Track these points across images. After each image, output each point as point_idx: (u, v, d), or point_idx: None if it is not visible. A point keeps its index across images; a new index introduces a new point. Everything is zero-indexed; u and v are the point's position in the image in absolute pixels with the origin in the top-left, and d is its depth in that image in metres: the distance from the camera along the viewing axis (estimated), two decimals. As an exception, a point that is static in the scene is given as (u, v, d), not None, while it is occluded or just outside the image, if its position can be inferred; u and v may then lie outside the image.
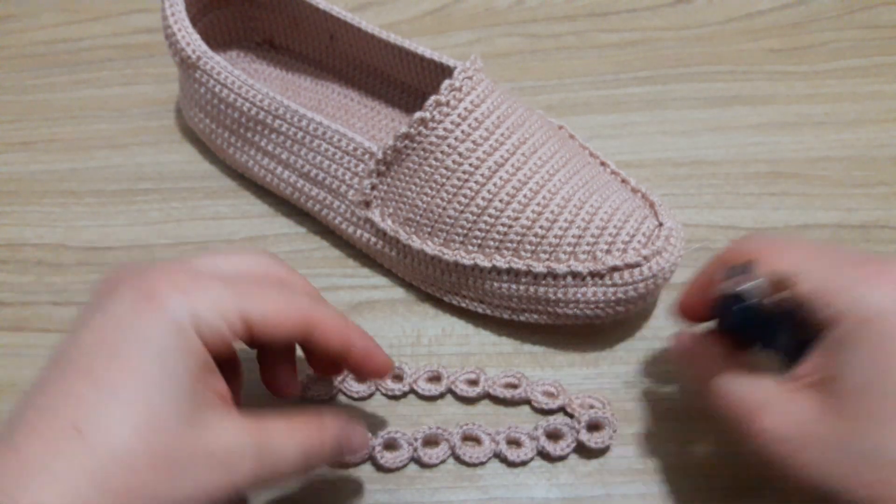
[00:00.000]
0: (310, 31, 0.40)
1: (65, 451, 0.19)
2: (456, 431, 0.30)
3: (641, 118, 0.40)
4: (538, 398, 0.31)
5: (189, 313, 0.21)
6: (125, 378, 0.20)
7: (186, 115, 0.39)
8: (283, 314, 0.23)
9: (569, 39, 0.45)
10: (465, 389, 0.31)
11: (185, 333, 0.21)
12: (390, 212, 0.32)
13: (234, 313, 0.22)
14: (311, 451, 0.23)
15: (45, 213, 0.38)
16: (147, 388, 0.20)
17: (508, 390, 0.31)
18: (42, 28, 0.47)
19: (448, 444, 0.30)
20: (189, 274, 0.22)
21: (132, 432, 0.19)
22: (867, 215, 0.36)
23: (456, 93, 0.30)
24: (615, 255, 0.29)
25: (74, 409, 0.19)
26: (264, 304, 0.22)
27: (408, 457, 0.30)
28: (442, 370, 0.31)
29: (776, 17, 0.45)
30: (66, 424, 0.19)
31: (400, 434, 0.30)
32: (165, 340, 0.20)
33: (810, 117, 0.40)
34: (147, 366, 0.20)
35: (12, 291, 0.36)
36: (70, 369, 0.20)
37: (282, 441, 0.22)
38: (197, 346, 0.21)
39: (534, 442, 0.30)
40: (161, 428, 0.20)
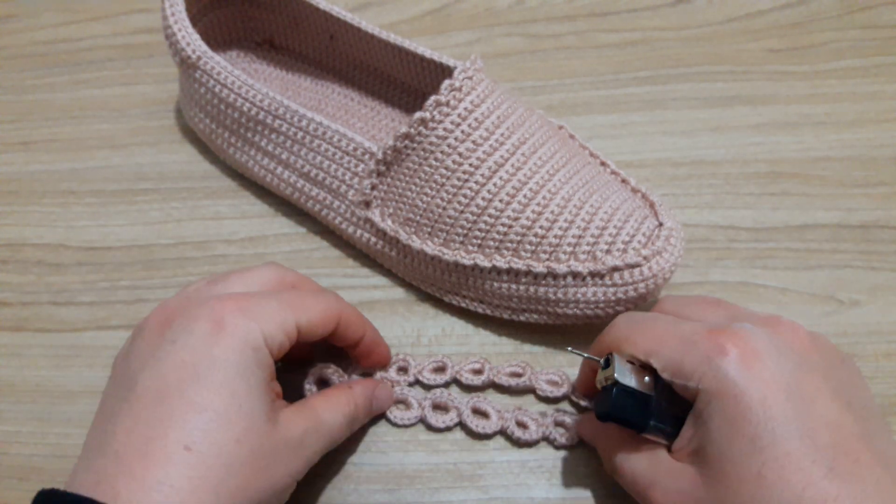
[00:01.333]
0: (310, 31, 0.40)
1: (180, 466, 0.22)
2: (466, 401, 0.31)
3: (641, 118, 0.40)
4: (542, 387, 0.31)
5: (261, 335, 0.24)
6: (216, 396, 0.23)
7: (186, 115, 0.39)
8: (323, 315, 0.27)
9: (569, 39, 0.45)
10: (470, 378, 0.31)
11: (260, 352, 0.24)
12: (390, 212, 0.32)
13: (291, 324, 0.25)
14: (351, 416, 0.28)
15: (45, 213, 0.38)
16: (240, 404, 0.23)
17: (513, 379, 0.31)
18: (42, 28, 0.47)
19: (457, 412, 0.30)
20: (244, 299, 0.25)
21: (234, 442, 0.23)
22: (867, 215, 0.36)
23: (456, 93, 0.30)
24: (615, 255, 0.29)
25: (180, 432, 0.22)
26: (308, 311, 0.26)
27: (416, 416, 0.31)
28: (446, 360, 0.32)
29: (776, 16, 0.45)
30: (177, 446, 0.22)
31: (412, 394, 0.31)
32: (245, 360, 0.24)
33: (810, 117, 0.40)
34: (233, 383, 0.23)
35: (12, 291, 0.36)
36: (164, 398, 0.23)
37: (329, 416, 0.27)
38: (268, 359, 0.25)
39: (541, 428, 0.30)
40: (254, 432, 0.23)
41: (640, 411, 0.24)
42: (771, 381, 0.22)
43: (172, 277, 0.36)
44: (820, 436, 0.22)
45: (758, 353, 0.23)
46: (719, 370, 0.23)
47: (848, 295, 0.34)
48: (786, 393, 0.22)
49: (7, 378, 0.33)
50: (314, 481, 0.30)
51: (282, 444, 0.24)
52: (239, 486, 0.23)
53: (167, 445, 0.22)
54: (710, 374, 0.23)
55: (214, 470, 0.22)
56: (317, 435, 0.26)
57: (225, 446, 0.23)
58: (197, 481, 0.22)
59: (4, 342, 0.34)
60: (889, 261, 0.35)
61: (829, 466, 0.21)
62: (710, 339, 0.23)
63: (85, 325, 0.34)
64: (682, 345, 0.24)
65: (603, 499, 0.29)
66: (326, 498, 0.29)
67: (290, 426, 0.25)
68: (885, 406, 0.31)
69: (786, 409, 0.22)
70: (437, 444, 0.31)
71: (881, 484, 0.21)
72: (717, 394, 0.22)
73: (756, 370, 0.22)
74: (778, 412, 0.22)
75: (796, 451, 0.21)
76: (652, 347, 0.25)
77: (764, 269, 0.35)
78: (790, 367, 0.23)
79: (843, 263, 0.35)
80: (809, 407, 0.22)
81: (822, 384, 0.23)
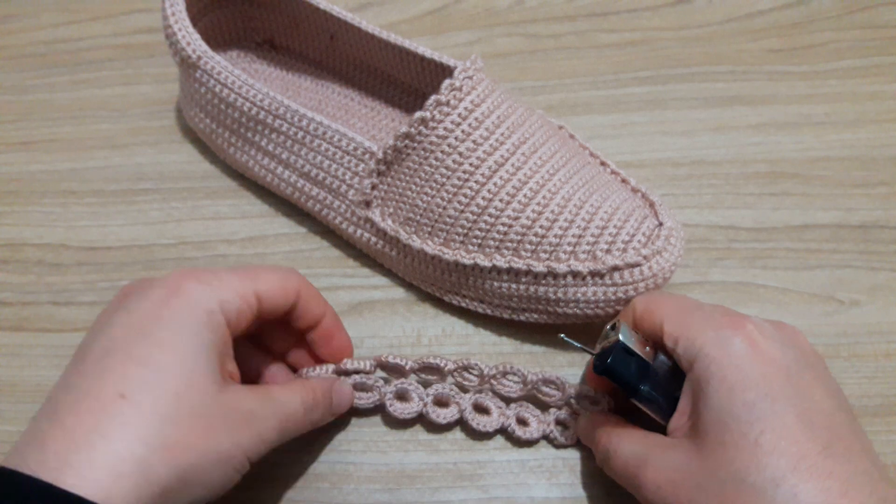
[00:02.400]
0: (310, 31, 0.40)
1: (112, 414, 0.21)
2: (468, 397, 0.30)
3: (641, 118, 0.40)
4: (542, 388, 0.30)
5: (217, 300, 0.24)
6: (162, 354, 0.23)
7: (187, 115, 0.39)
8: (282, 285, 0.27)
9: (569, 39, 0.45)
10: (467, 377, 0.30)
11: (214, 316, 0.24)
12: (390, 211, 0.32)
13: (249, 291, 0.26)
14: (309, 403, 0.27)
15: (45, 213, 0.38)
16: (184, 360, 0.23)
17: (510, 382, 0.30)
18: (42, 28, 0.47)
19: (458, 408, 0.30)
20: (203, 271, 0.26)
21: (173, 395, 0.22)
22: (867, 215, 0.36)
23: (456, 92, 0.30)
24: (615, 254, 0.29)
25: (118, 383, 0.22)
26: (268, 281, 0.27)
27: (417, 410, 0.30)
28: (439, 361, 0.30)
29: (776, 17, 0.45)
30: (111, 394, 0.22)
31: (413, 387, 0.30)
32: (198, 322, 0.24)
33: (810, 117, 0.40)
34: (182, 343, 0.23)
35: (13, 291, 0.36)
36: (107, 354, 0.23)
37: (284, 397, 0.26)
38: (222, 326, 0.24)
39: (542, 426, 0.30)
40: (197, 390, 0.23)
41: (636, 373, 0.25)
42: (774, 362, 0.23)
43: (173, 277, 0.36)
44: (816, 419, 0.22)
45: (765, 336, 0.24)
46: (726, 339, 0.24)
47: (848, 295, 0.34)
48: (786, 376, 0.23)
49: (7, 378, 0.33)
50: (314, 481, 0.30)
51: (228, 410, 0.24)
52: (174, 441, 0.22)
53: (102, 396, 0.21)
54: (717, 341, 0.24)
55: (148, 419, 0.21)
56: (269, 411, 0.25)
57: (162, 398, 0.22)
58: (129, 429, 0.21)
59: (5, 342, 0.34)
60: (889, 261, 0.35)
61: (825, 445, 0.21)
62: (724, 316, 0.25)
63: (85, 325, 0.34)
64: (696, 314, 0.25)
65: (603, 499, 0.29)
66: (327, 497, 0.29)
67: (241, 397, 0.24)
68: (885, 406, 0.31)
69: (785, 388, 0.23)
70: (438, 444, 0.31)
71: (870, 474, 0.21)
72: (718, 360, 0.23)
73: (761, 349, 0.23)
74: (777, 389, 0.22)
75: (794, 425, 0.22)
76: (666, 313, 0.26)
77: (764, 269, 0.35)
78: (792, 357, 0.24)
79: (843, 263, 0.35)
80: (807, 393, 0.23)
81: (818, 380, 0.24)
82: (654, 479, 0.24)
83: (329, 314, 0.30)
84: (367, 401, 0.30)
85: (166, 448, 0.21)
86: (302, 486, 0.30)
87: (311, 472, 0.30)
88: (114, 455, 0.21)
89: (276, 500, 0.29)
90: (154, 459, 0.21)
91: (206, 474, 0.23)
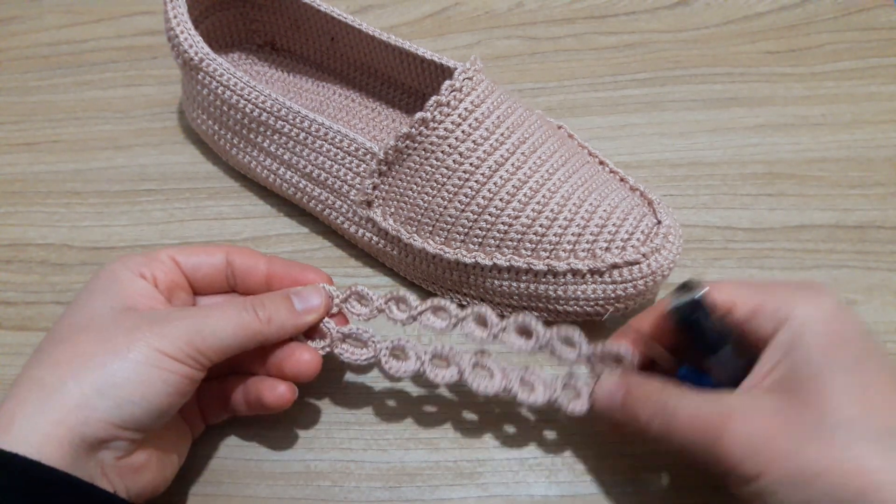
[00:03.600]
0: (311, 33, 0.41)
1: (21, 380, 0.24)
2: (468, 358, 0.28)
3: (639, 120, 0.41)
4: (556, 346, 0.28)
5: (121, 264, 0.28)
6: (75, 312, 0.26)
7: (189, 116, 0.39)
8: (205, 250, 0.30)
9: (568, 42, 0.45)
10: (473, 329, 0.28)
11: (115, 273, 0.27)
12: (392, 211, 0.32)
13: (164, 255, 0.29)
14: (246, 324, 0.26)
15: (48, 214, 0.39)
16: (85, 308, 0.26)
17: (520, 339, 0.28)
18: (46, 30, 0.47)
19: (458, 369, 0.28)
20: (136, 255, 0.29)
21: (68, 325, 0.26)
22: (863, 216, 0.37)
23: (456, 93, 0.30)
24: (614, 252, 0.29)
25: (34, 368, 0.25)
26: (189, 249, 0.30)
27: (413, 369, 0.28)
28: (450, 307, 0.28)
29: (773, 19, 0.45)
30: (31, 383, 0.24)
31: (410, 344, 0.28)
32: (99, 280, 0.27)
33: (807, 119, 0.40)
34: (83, 295, 0.27)
35: (16, 291, 0.36)
36: (49, 342, 0.26)
37: (216, 317, 0.26)
38: (127, 276, 0.27)
39: (548, 391, 0.27)
40: (97, 317, 0.26)
41: (719, 331, 0.25)
42: (859, 324, 0.24)
43: (175, 277, 0.36)
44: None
45: (840, 300, 0.24)
46: (821, 300, 0.24)
47: (844, 295, 0.34)
48: (869, 336, 0.24)
49: (10, 377, 0.33)
50: (315, 478, 0.30)
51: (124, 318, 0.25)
52: (75, 354, 0.24)
53: (22, 381, 0.24)
54: (809, 304, 0.24)
55: (45, 343, 0.26)
56: (181, 312, 0.26)
57: (59, 326, 0.26)
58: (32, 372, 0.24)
59: (8, 341, 0.34)
60: (885, 261, 0.35)
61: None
62: (800, 284, 0.25)
63: (88, 324, 0.35)
64: (771, 285, 0.25)
65: (602, 497, 0.29)
66: (328, 495, 0.30)
67: (146, 311, 0.26)
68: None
69: (879, 346, 0.23)
70: (438, 442, 0.31)
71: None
72: (815, 320, 0.23)
73: (848, 311, 0.24)
74: (875, 346, 0.23)
75: (891, 381, 0.22)
76: (738, 286, 0.25)
77: (761, 269, 0.35)
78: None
79: (840, 263, 0.35)
80: (884, 353, 0.24)
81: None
82: (744, 429, 0.22)
83: (276, 262, 0.30)
84: (362, 357, 0.28)
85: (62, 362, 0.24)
86: (303, 484, 0.30)
87: (312, 470, 0.30)
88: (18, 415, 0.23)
89: (278, 497, 0.30)
90: (56, 381, 0.24)
91: (115, 376, 0.24)
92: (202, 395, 0.29)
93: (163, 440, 0.27)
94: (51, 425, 0.23)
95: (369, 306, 0.29)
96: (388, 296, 0.29)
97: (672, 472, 0.30)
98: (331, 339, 0.29)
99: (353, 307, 0.30)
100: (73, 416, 0.23)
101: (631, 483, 0.29)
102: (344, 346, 0.29)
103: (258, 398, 0.28)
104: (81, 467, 0.23)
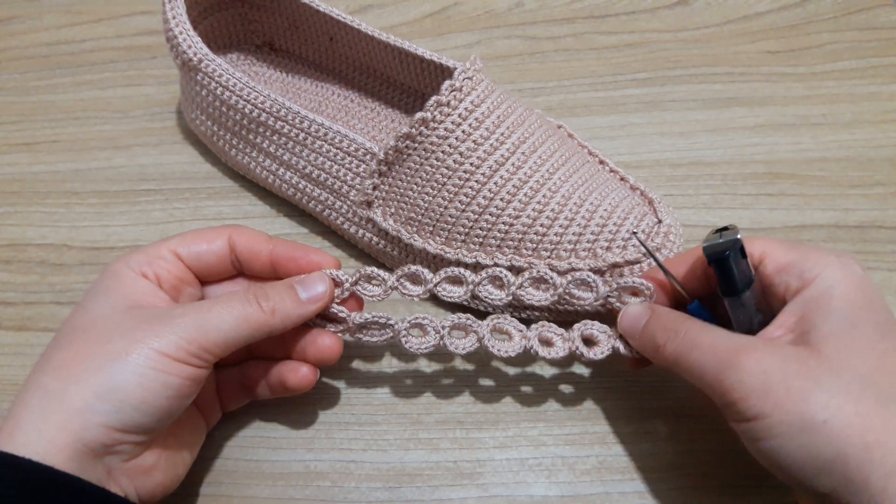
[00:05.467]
0: (309, 33, 0.41)
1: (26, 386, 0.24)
2: (486, 323, 0.29)
3: (639, 119, 0.41)
4: (573, 291, 0.28)
5: (123, 263, 0.27)
6: (81, 312, 0.26)
7: (188, 117, 0.39)
8: (206, 238, 0.28)
9: (568, 41, 0.45)
10: (490, 293, 0.29)
11: (117, 273, 0.27)
12: (392, 211, 0.32)
13: (163, 249, 0.28)
14: (249, 316, 0.26)
15: (48, 214, 0.39)
16: (86, 303, 0.26)
17: (539, 290, 0.29)
18: (45, 30, 0.47)
19: (476, 336, 0.29)
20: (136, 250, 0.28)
21: (72, 327, 0.26)
22: (864, 216, 0.37)
23: (456, 93, 0.30)
24: (615, 251, 0.29)
25: (39, 374, 0.24)
26: (188, 235, 0.29)
27: (433, 343, 0.29)
28: (462, 273, 0.29)
29: (773, 18, 0.45)
30: (36, 389, 0.24)
31: (427, 320, 0.29)
32: (103, 281, 0.27)
33: (807, 118, 0.40)
34: (88, 297, 0.26)
35: (16, 291, 0.36)
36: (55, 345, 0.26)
37: (217, 311, 0.26)
38: (129, 276, 0.27)
39: (567, 343, 0.28)
40: (98, 323, 0.25)
41: (745, 275, 0.26)
42: (880, 294, 0.25)
43: (175, 277, 0.36)
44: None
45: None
46: (848, 266, 0.24)
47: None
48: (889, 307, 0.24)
49: (10, 377, 0.33)
50: (315, 479, 0.30)
51: (124, 319, 0.25)
52: (76, 357, 0.24)
53: (27, 389, 0.24)
54: (839, 265, 0.24)
55: (50, 346, 0.25)
56: (183, 308, 0.25)
57: (63, 328, 0.26)
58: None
59: (8, 341, 0.34)
60: (885, 260, 0.35)
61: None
62: (823, 251, 0.25)
63: (88, 325, 0.35)
64: (805, 245, 0.26)
65: (601, 496, 0.29)
66: (328, 495, 0.30)
67: (148, 308, 0.26)
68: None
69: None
70: (438, 442, 0.31)
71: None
72: (845, 282, 0.24)
73: (873, 280, 0.25)
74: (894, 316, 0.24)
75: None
76: (765, 244, 0.26)
77: (761, 268, 0.35)
78: None
79: (840, 263, 0.35)
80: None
81: None
82: (759, 364, 0.22)
83: (279, 244, 0.29)
84: (382, 338, 0.29)
85: (65, 364, 0.24)
86: (303, 485, 0.30)
87: (312, 471, 0.30)
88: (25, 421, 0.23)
89: (277, 498, 0.30)
90: (58, 386, 0.23)
91: (115, 379, 0.23)
92: (221, 382, 0.30)
93: (172, 438, 0.26)
94: (55, 431, 0.22)
95: (382, 286, 0.29)
96: (401, 273, 0.29)
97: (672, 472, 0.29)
98: (348, 326, 0.29)
99: (366, 289, 0.29)
100: (76, 422, 0.23)
101: (631, 483, 0.29)
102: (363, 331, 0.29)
103: (281, 381, 0.28)
104: (88, 471, 0.23)
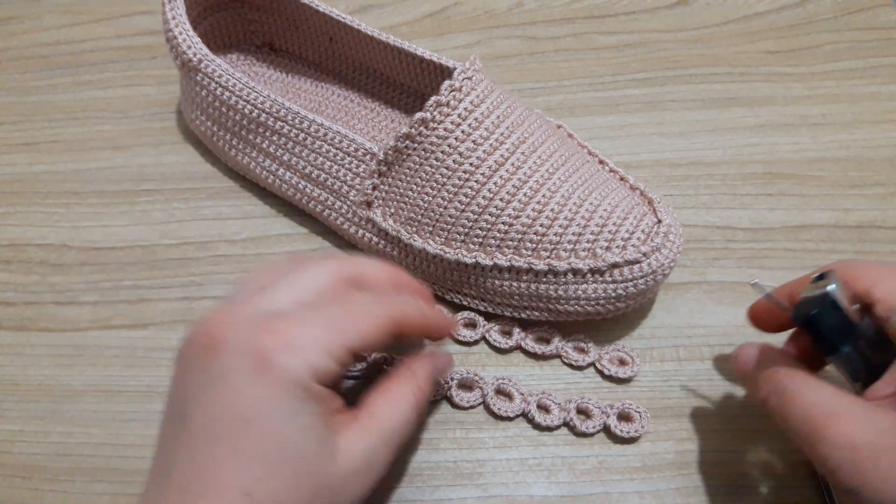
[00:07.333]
0: (309, 33, 0.41)
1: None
2: (491, 382, 0.31)
3: (639, 119, 0.41)
4: (569, 353, 0.32)
5: (307, 370, 0.22)
6: (267, 444, 0.22)
7: (187, 117, 0.39)
8: (376, 330, 0.24)
9: (567, 41, 0.45)
10: (498, 339, 0.32)
11: (308, 388, 0.22)
12: (392, 212, 0.32)
13: (340, 350, 0.23)
14: (418, 405, 0.26)
15: (48, 214, 0.39)
16: (290, 448, 0.22)
17: (540, 345, 0.32)
18: (45, 30, 0.47)
19: (481, 392, 0.31)
20: (288, 324, 0.23)
21: (293, 487, 0.22)
22: (863, 216, 0.37)
23: (456, 93, 0.30)
24: (615, 251, 0.29)
25: (236, 477, 0.21)
26: (359, 330, 0.24)
27: (440, 395, 0.31)
28: (477, 318, 0.33)
29: (773, 18, 0.45)
30: (236, 492, 0.21)
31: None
32: (294, 401, 0.22)
33: (807, 118, 0.40)
34: (284, 429, 0.22)
35: (16, 291, 0.36)
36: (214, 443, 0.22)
37: (395, 419, 0.25)
38: (320, 392, 0.23)
39: (563, 413, 0.31)
40: (311, 475, 0.22)
41: (839, 331, 0.23)
42: None
43: (175, 277, 0.36)
44: None
45: None
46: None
47: (844, 294, 0.34)
48: None
49: (10, 377, 0.33)
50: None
51: (345, 474, 0.23)
52: None
53: (226, 490, 0.21)
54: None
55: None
56: (384, 449, 0.24)
57: (282, 493, 0.21)
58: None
59: (8, 342, 0.34)
60: (885, 260, 0.35)
61: None
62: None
63: (88, 325, 0.35)
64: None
65: (601, 497, 0.29)
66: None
67: (353, 452, 0.23)
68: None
69: None
70: (438, 442, 0.31)
71: None
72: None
73: None
74: None
75: None
76: (880, 278, 0.23)
77: (761, 269, 0.35)
78: None
79: (840, 263, 0.35)
80: None
81: None
82: (847, 435, 0.21)
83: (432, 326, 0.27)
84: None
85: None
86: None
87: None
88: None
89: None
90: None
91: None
92: None
93: None
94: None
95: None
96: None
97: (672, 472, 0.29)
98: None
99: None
100: None
101: (631, 483, 0.29)
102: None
103: None
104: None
